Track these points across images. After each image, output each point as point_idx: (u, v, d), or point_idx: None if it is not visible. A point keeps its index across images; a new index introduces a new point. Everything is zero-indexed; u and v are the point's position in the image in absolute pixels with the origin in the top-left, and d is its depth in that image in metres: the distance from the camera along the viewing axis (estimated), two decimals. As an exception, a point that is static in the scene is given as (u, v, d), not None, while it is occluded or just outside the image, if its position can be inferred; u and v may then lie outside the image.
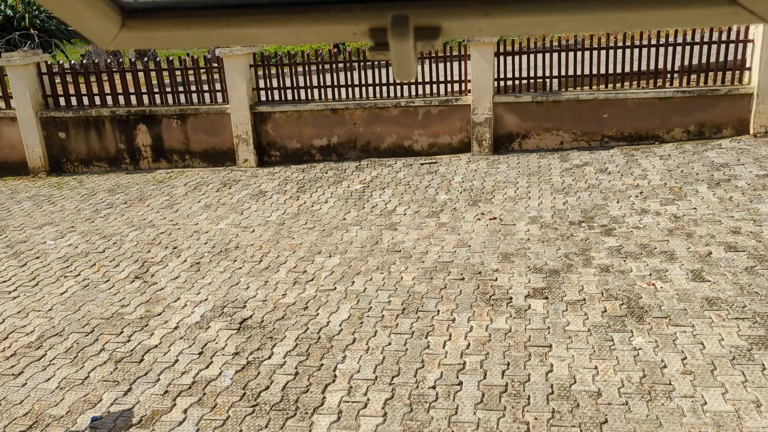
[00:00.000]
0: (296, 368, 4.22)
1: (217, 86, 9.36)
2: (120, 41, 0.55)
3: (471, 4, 0.51)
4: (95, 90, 9.59)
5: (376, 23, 0.52)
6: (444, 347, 4.33)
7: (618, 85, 9.00)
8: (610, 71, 8.91)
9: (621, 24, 0.53)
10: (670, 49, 8.74)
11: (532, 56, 9.02)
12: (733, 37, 8.69)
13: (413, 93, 9.27)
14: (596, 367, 3.99)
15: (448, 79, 9.08)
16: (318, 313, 4.92)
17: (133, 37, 0.55)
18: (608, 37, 9.05)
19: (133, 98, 9.53)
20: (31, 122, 9.48)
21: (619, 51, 8.91)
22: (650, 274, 5.13)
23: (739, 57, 8.60)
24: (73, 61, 9.65)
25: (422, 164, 8.70)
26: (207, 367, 4.31)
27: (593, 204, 6.74)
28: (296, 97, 9.42)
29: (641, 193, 6.96)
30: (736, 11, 0.50)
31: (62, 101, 9.78)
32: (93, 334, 4.86)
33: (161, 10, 0.54)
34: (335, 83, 9.22)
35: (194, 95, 9.50)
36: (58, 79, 9.64)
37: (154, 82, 9.73)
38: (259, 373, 4.20)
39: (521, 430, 3.49)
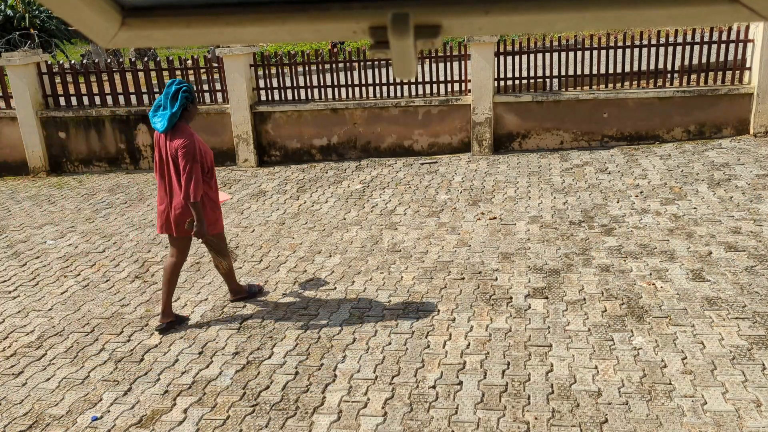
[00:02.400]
0: (296, 368, 4.22)
1: (217, 86, 9.36)
2: (120, 40, 0.55)
3: (471, 2, 0.51)
4: (95, 90, 9.59)
5: (376, 21, 0.52)
6: (444, 347, 4.32)
7: (618, 85, 8.99)
8: (610, 71, 8.90)
9: (621, 22, 0.53)
10: (670, 48, 8.74)
11: (532, 56, 9.01)
12: (733, 36, 8.69)
13: (413, 93, 9.27)
14: (596, 367, 3.99)
15: (448, 78, 9.08)
16: (318, 313, 4.92)
17: (132, 36, 0.55)
18: (608, 37, 9.04)
19: (133, 98, 9.53)
20: (31, 122, 9.48)
21: (619, 51, 8.91)
22: (650, 274, 5.13)
23: (739, 57, 8.59)
24: (73, 61, 9.64)
25: (422, 164, 8.70)
26: (207, 366, 4.32)
27: (593, 204, 6.74)
28: (296, 97, 9.41)
29: (641, 192, 6.96)
30: (737, 9, 0.50)
31: (62, 101, 9.77)
32: (93, 333, 4.86)
33: (161, 8, 0.54)
34: (335, 83, 9.22)
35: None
36: (58, 79, 9.63)
37: (155, 82, 9.73)
38: (259, 372, 4.20)
39: (521, 430, 3.49)
